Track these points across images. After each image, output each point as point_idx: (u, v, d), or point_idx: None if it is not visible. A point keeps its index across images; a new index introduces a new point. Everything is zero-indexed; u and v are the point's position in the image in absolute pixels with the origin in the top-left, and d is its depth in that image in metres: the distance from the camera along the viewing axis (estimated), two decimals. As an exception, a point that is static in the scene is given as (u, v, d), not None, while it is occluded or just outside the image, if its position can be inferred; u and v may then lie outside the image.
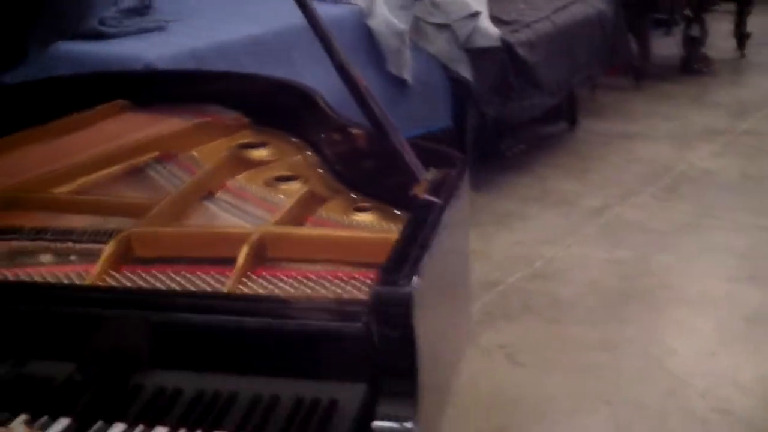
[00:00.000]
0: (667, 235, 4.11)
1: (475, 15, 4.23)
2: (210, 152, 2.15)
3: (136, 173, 2.08)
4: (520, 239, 4.11)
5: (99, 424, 1.46)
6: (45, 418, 1.48)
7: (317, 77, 2.43)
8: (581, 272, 3.78)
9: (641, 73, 6.34)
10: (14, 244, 1.74)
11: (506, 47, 4.36)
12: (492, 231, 4.08)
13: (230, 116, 2.33)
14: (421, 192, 1.76)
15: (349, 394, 1.42)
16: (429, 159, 1.87)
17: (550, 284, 3.68)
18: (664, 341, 3.26)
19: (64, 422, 1.47)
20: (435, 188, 1.78)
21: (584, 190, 4.69)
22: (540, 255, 3.93)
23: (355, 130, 2.07)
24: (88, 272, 1.60)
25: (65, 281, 1.61)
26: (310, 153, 2.17)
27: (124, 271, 1.62)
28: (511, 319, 3.40)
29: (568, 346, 3.22)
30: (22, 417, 1.47)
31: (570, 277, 3.74)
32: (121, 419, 1.47)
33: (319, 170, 2.10)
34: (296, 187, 1.99)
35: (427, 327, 1.42)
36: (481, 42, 4.25)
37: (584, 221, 4.31)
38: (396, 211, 1.86)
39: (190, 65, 2.99)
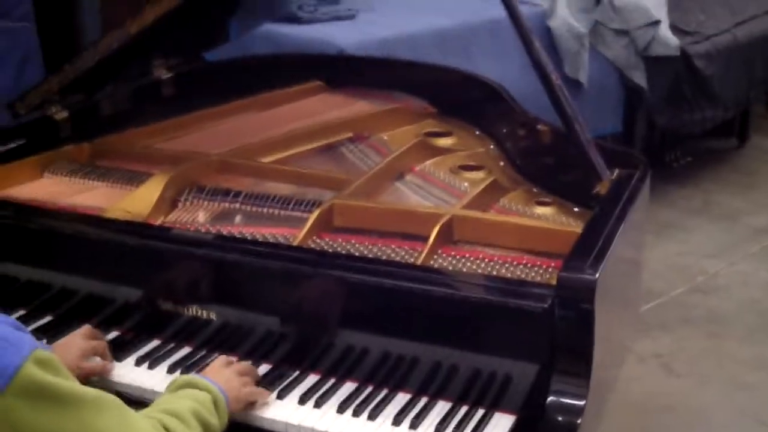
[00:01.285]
0: (834, 263, 3.99)
1: (655, 23, 4.21)
2: (399, 137, 2.28)
3: (331, 150, 2.23)
4: (682, 251, 4.08)
5: (295, 373, 1.61)
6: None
7: (494, 73, 2.51)
8: (742, 290, 3.73)
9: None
10: (226, 205, 1.90)
11: (684, 57, 4.33)
12: (653, 240, 4.06)
13: (418, 104, 2.46)
14: (604, 191, 1.83)
15: (522, 372, 1.51)
16: (612, 159, 1.93)
17: (711, 299, 3.65)
18: (823, 368, 3.19)
19: (264, 367, 1.63)
20: (617, 188, 1.84)
21: (749, 208, 4.59)
22: (702, 269, 3.89)
23: (538, 126, 2.15)
24: (293, 235, 1.74)
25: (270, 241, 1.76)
26: (492, 146, 2.26)
27: (326, 238, 1.76)
28: (668, 330, 3.40)
29: (724, 362, 3.20)
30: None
31: (731, 294, 3.70)
32: (314, 371, 1.61)
33: (500, 163, 2.19)
34: (480, 176, 2.08)
35: (603, 315, 1.50)
36: (659, 50, 4.23)
37: (748, 239, 4.23)
38: (575, 208, 1.93)
39: (378, 53, 3.12)
